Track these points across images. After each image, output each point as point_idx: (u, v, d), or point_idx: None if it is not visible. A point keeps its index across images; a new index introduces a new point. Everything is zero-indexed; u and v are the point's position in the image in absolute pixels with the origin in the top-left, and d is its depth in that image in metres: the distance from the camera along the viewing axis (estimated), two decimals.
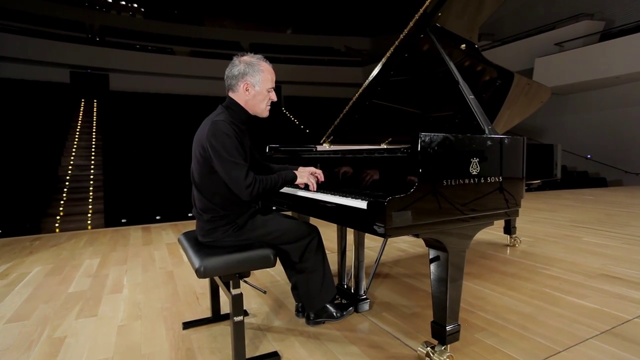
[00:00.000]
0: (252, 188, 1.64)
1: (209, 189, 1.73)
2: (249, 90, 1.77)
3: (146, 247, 3.94)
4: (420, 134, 1.42)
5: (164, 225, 5.32)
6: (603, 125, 11.41)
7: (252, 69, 1.75)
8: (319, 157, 2.17)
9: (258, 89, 1.77)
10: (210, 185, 1.72)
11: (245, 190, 1.63)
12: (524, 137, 1.81)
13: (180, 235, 2.01)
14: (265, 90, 1.78)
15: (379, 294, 2.45)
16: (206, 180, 1.72)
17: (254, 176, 1.66)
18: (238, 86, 1.77)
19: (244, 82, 1.76)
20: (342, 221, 1.73)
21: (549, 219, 5.05)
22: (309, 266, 1.87)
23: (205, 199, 1.74)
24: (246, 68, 1.75)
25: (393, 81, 2.27)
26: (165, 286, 2.72)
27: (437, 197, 1.45)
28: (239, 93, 1.78)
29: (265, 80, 1.77)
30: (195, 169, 1.76)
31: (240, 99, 1.79)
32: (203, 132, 1.70)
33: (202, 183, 1.73)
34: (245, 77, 1.75)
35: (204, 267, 1.56)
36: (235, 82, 1.77)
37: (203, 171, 1.71)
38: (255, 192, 1.65)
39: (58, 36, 14.28)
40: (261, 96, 1.78)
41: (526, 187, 2.15)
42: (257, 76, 1.75)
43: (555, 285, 2.56)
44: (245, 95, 1.78)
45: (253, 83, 1.76)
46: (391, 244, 3.79)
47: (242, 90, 1.77)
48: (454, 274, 1.60)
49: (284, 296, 2.44)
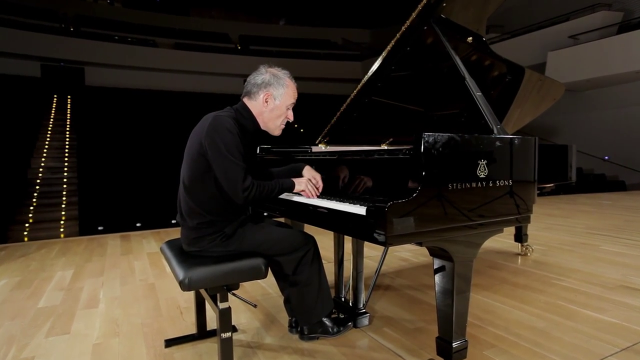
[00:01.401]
0: (248, 192, 1.65)
1: (199, 192, 1.73)
2: (268, 102, 1.81)
3: (125, 257, 3.92)
4: (424, 134, 1.43)
5: (144, 233, 5.29)
6: (621, 124, 11.51)
7: (278, 82, 1.81)
8: (314, 158, 2.18)
9: (278, 103, 1.82)
10: (201, 187, 1.72)
11: (241, 194, 1.65)
12: (536, 137, 1.83)
13: (163, 244, 2.00)
14: (284, 107, 1.83)
15: (379, 307, 2.46)
16: (197, 181, 1.72)
17: (252, 180, 1.68)
18: (258, 95, 1.81)
19: (265, 93, 1.80)
20: (339, 228, 1.73)
21: (563, 226, 5.08)
22: (303, 279, 1.87)
23: (193, 202, 1.74)
24: (272, 79, 1.81)
25: (394, 77, 2.28)
26: (146, 300, 2.71)
27: (441, 202, 1.46)
28: (257, 102, 1.82)
29: (288, 96, 1.83)
30: (186, 169, 1.76)
31: (256, 109, 1.83)
32: (203, 127, 1.71)
33: (193, 184, 1.73)
34: (268, 87, 1.80)
35: (189, 278, 1.56)
36: (257, 90, 1.81)
37: (196, 171, 1.71)
38: (251, 197, 1.67)
39: (28, 25, 14.20)
40: (279, 111, 1.83)
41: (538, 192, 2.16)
42: (280, 90, 1.81)
43: (571, 298, 2.58)
44: (263, 107, 1.82)
45: (275, 95, 1.81)
46: (392, 253, 3.80)
47: (261, 100, 1.81)
48: (460, 286, 1.61)
49: (276, 310, 2.44)
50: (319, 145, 2.64)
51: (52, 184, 8.50)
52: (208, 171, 1.69)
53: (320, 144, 2.64)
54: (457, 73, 1.93)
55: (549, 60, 11.51)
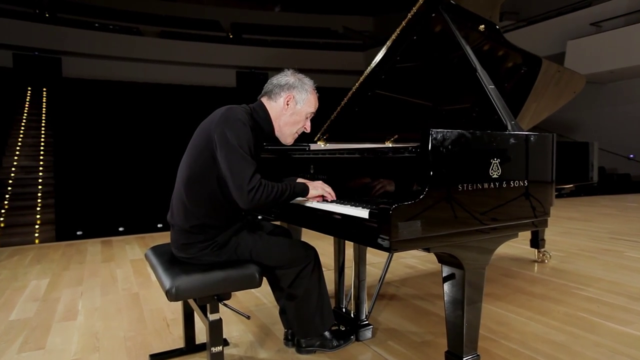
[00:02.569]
0: (255, 192, 1.61)
1: (198, 190, 1.72)
2: (289, 104, 1.84)
3: (106, 264, 3.92)
4: (432, 131, 1.44)
5: (128, 238, 5.29)
6: None
7: (302, 87, 1.86)
8: (312, 157, 2.18)
9: (299, 108, 1.85)
10: (201, 186, 1.71)
11: (247, 194, 1.60)
12: (554, 133, 1.84)
13: (148, 250, 2.01)
14: (304, 114, 1.87)
15: (383, 319, 2.46)
16: (198, 178, 1.71)
17: (261, 179, 1.65)
18: (280, 96, 1.84)
19: (288, 94, 1.84)
20: (339, 233, 1.74)
21: (584, 230, 5.10)
22: (301, 293, 1.87)
23: (189, 202, 1.73)
24: (297, 82, 1.85)
25: (399, 68, 2.29)
26: (129, 311, 2.71)
27: (451, 204, 1.47)
28: (277, 104, 1.85)
29: (309, 103, 1.87)
30: (187, 163, 1.76)
31: (274, 111, 1.85)
32: (213, 119, 1.73)
33: (192, 181, 1.72)
34: (292, 90, 1.84)
35: (176, 288, 1.56)
36: (279, 90, 1.84)
37: (198, 166, 1.71)
38: (257, 198, 1.61)
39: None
40: (298, 117, 1.86)
41: (556, 193, 2.18)
42: (304, 95, 1.85)
43: (593, 309, 2.59)
44: (283, 110, 1.84)
45: (297, 100, 1.85)
46: (398, 260, 3.81)
47: (282, 101, 1.84)
48: (471, 295, 1.62)
49: (271, 321, 2.45)
50: (318, 142, 2.64)
51: (26, 185, 8.48)
52: (212, 168, 1.68)
53: (319, 141, 2.65)
54: (468, 64, 1.93)
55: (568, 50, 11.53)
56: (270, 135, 1.89)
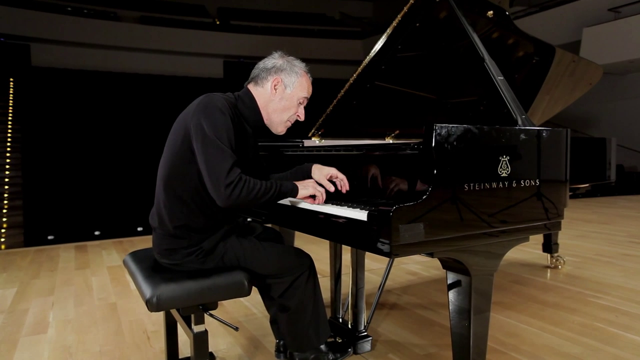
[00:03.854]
0: (233, 188, 1.56)
1: (178, 188, 1.71)
2: (277, 88, 1.82)
3: (80, 272, 3.91)
4: (435, 126, 1.45)
5: (104, 242, 5.26)
6: None
7: (292, 69, 1.83)
8: (306, 154, 2.19)
9: (289, 92, 1.83)
10: (182, 182, 1.70)
11: (223, 189, 1.56)
12: (568, 129, 1.85)
13: (127, 256, 2.00)
14: (295, 98, 1.84)
15: (383, 329, 2.47)
16: (177, 174, 1.70)
17: (241, 174, 1.60)
18: (266, 80, 1.82)
19: (275, 78, 1.81)
20: (335, 237, 1.74)
21: (601, 234, 5.13)
22: (294, 304, 1.87)
23: (169, 201, 1.72)
24: (285, 64, 1.83)
25: (401, 58, 2.30)
26: (106, 323, 2.70)
27: (456, 205, 1.48)
28: (263, 89, 1.83)
29: (301, 86, 1.84)
30: (166, 159, 1.75)
31: (262, 97, 1.83)
32: (190, 108, 1.71)
33: (171, 178, 1.71)
34: (279, 72, 1.82)
35: (157, 297, 1.56)
36: (266, 74, 1.82)
37: (177, 161, 1.70)
38: (236, 195, 1.57)
39: None
40: (288, 102, 1.83)
41: (571, 193, 2.19)
42: (293, 77, 1.83)
43: (611, 319, 2.61)
44: (271, 95, 1.82)
45: (286, 83, 1.82)
46: (399, 266, 3.82)
47: (269, 86, 1.82)
48: (479, 304, 1.63)
49: (261, 333, 2.45)
50: (312, 138, 2.65)
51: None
52: (192, 163, 1.66)
53: (313, 137, 2.65)
54: (475, 53, 1.94)
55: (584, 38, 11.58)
56: (257, 126, 1.87)
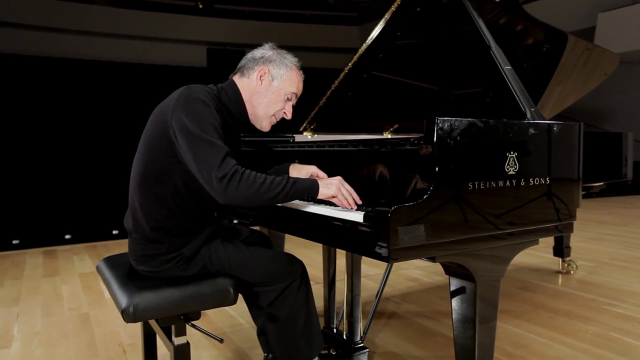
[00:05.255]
0: (228, 180, 1.50)
1: (156, 187, 1.69)
2: (263, 79, 1.82)
3: (49, 279, 3.89)
4: (437, 119, 1.45)
5: (76, 247, 5.24)
6: None
7: (281, 61, 1.84)
8: (297, 150, 2.19)
9: (276, 85, 1.83)
10: (160, 181, 1.69)
11: (217, 183, 1.50)
12: (581, 123, 1.86)
13: (101, 262, 2.00)
14: (283, 93, 1.84)
15: (381, 340, 2.48)
16: (154, 172, 1.69)
17: (236, 166, 1.55)
18: (252, 70, 1.83)
19: (262, 68, 1.82)
20: (329, 240, 1.74)
21: (617, 236, 5.17)
22: (285, 314, 1.86)
23: (147, 202, 1.71)
24: (275, 56, 1.84)
25: (400, 45, 2.30)
26: (78, 336, 2.69)
27: (460, 205, 1.49)
28: (249, 80, 1.83)
29: (290, 81, 1.85)
30: (141, 155, 1.74)
31: (247, 89, 1.84)
32: (170, 101, 1.70)
33: (147, 176, 1.70)
34: (268, 63, 1.82)
35: (135, 306, 1.56)
36: (252, 65, 1.83)
37: (154, 158, 1.68)
38: (234, 189, 1.50)
39: None
40: (274, 96, 1.83)
41: (584, 192, 2.21)
42: (282, 70, 1.83)
43: (627, 329, 2.63)
44: (256, 86, 1.82)
45: (274, 75, 1.82)
46: (398, 271, 3.83)
47: (255, 76, 1.82)
48: (484, 313, 1.64)
49: (248, 345, 2.45)
50: (304, 133, 2.65)
51: None
52: (171, 160, 1.65)
53: (305, 131, 2.65)
54: (481, 41, 1.95)
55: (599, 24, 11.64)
56: (241, 119, 1.87)
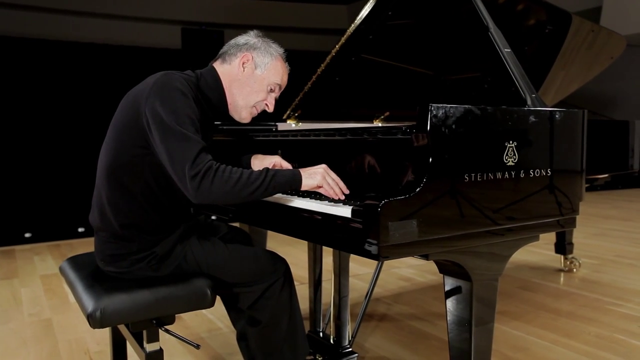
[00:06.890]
0: (202, 178, 1.49)
1: (124, 183, 1.68)
2: (245, 66, 1.82)
3: (7, 282, 3.85)
4: (431, 106, 1.45)
5: (37, 247, 5.19)
6: None
7: (266, 49, 1.85)
8: (280, 139, 2.18)
9: (259, 74, 1.83)
10: (128, 176, 1.68)
11: (189, 183, 1.49)
12: (585, 110, 1.88)
13: (64, 262, 1.98)
14: (266, 83, 1.84)
15: (371, 345, 2.49)
16: (123, 166, 1.67)
17: (211, 162, 1.54)
18: (234, 57, 1.83)
19: (245, 54, 1.82)
20: (315, 237, 1.74)
21: (622, 232, 5.23)
22: (266, 317, 1.86)
23: (115, 197, 1.69)
24: (259, 43, 1.85)
25: (392, 26, 2.30)
26: (39, 343, 2.67)
27: (455, 199, 1.49)
28: (230, 66, 1.83)
29: (275, 70, 1.85)
30: (109, 146, 1.72)
31: (227, 76, 1.83)
32: (144, 88, 1.67)
33: (115, 170, 1.69)
34: (251, 50, 1.83)
35: (102, 310, 1.55)
36: (235, 51, 1.83)
37: (124, 149, 1.67)
38: (207, 187, 1.50)
39: None
40: (257, 85, 1.84)
41: (588, 185, 2.23)
42: (266, 58, 1.84)
43: (632, 330, 2.67)
44: (238, 72, 1.82)
45: (257, 63, 1.83)
46: (389, 270, 3.84)
47: (237, 62, 1.82)
48: (481, 314, 1.65)
49: (227, 351, 2.45)
50: (288, 121, 2.64)
51: None
52: (142, 152, 1.64)
53: (289, 119, 2.64)
54: (479, 21, 1.95)
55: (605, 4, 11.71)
56: (220, 109, 1.87)
